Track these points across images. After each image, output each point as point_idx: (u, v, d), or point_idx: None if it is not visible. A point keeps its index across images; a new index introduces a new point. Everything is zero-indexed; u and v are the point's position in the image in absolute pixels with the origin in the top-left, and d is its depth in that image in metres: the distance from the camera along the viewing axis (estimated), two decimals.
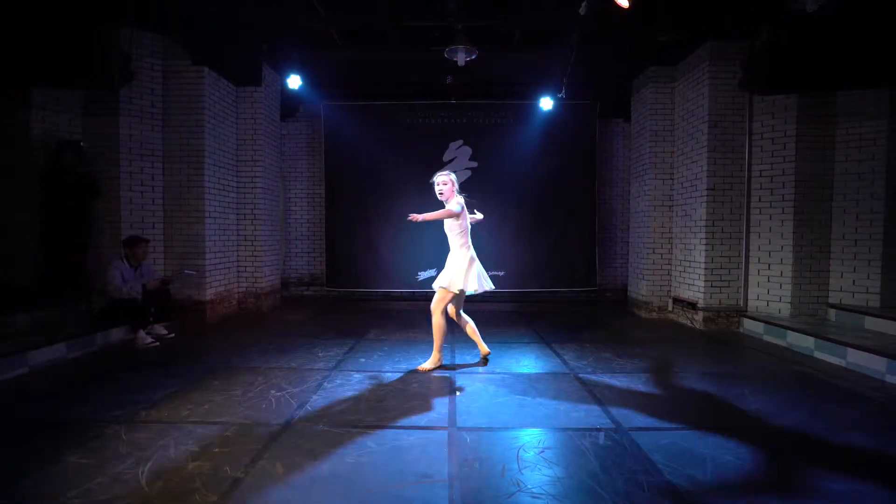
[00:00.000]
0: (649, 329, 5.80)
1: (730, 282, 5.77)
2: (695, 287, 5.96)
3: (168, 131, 5.71)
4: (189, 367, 3.90)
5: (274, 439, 2.56)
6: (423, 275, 7.76)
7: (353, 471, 2.23)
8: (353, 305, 7.45)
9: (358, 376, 3.71)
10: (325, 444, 2.50)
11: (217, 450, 2.42)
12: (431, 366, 3.91)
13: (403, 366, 4.02)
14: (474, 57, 5.76)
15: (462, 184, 5.36)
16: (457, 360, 4.23)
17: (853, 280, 5.28)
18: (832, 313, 5.30)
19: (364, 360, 4.20)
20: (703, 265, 5.80)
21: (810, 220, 5.38)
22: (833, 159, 5.35)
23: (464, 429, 2.71)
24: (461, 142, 7.94)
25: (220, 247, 6.22)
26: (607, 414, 2.94)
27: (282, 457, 2.36)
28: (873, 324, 4.74)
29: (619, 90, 7.39)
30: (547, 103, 7.11)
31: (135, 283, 4.69)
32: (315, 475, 2.19)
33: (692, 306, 5.96)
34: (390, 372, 3.84)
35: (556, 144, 7.85)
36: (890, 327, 4.55)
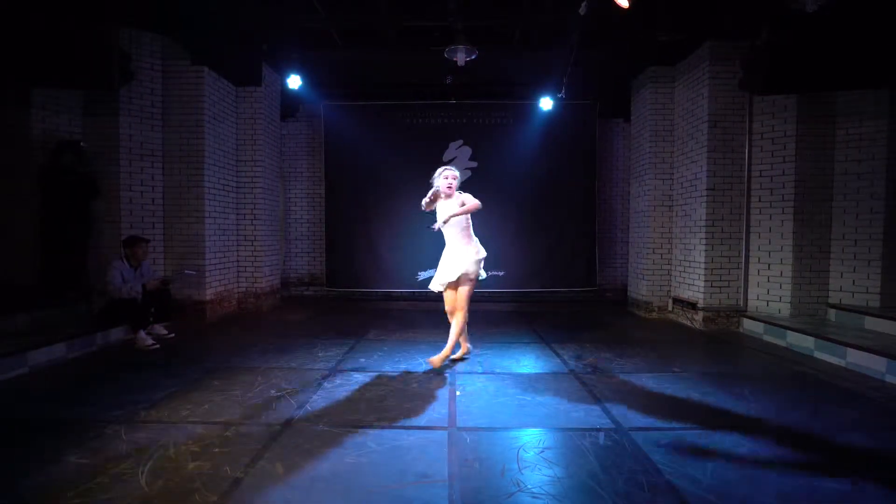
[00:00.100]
0: (649, 329, 5.80)
1: (730, 282, 5.77)
2: (695, 287, 5.97)
3: (168, 131, 5.71)
4: (189, 367, 3.90)
5: (274, 439, 2.56)
6: (423, 275, 7.76)
7: (353, 471, 2.23)
8: (353, 305, 7.45)
9: (358, 376, 3.71)
10: (325, 444, 2.50)
11: (217, 450, 2.42)
12: (461, 354, 4.22)
13: (403, 366, 4.02)
14: (474, 57, 5.76)
15: (462, 184, 5.35)
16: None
17: (853, 280, 5.28)
18: (832, 313, 5.30)
19: (364, 360, 4.21)
20: (703, 265, 5.80)
21: (810, 220, 5.38)
22: (833, 159, 5.35)
23: (464, 429, 2.72)
24: (461, 142, 7.95)
25: (219, 247, 6.22)
26: (607, 414, 2.94)
27: (282, 457, 2.36)
28: (873, 324, 4.75)
29: (619, 90, 7.39)
30: (547, 103, 7.12)
31: (135, 283, 4.69)
32: (315, 475, 2.19)
33: (692, 306, 5.96)
34: (390, 372, 3.84)
35: (556, 144, 7.86)
36: (890, 327, 4.55)
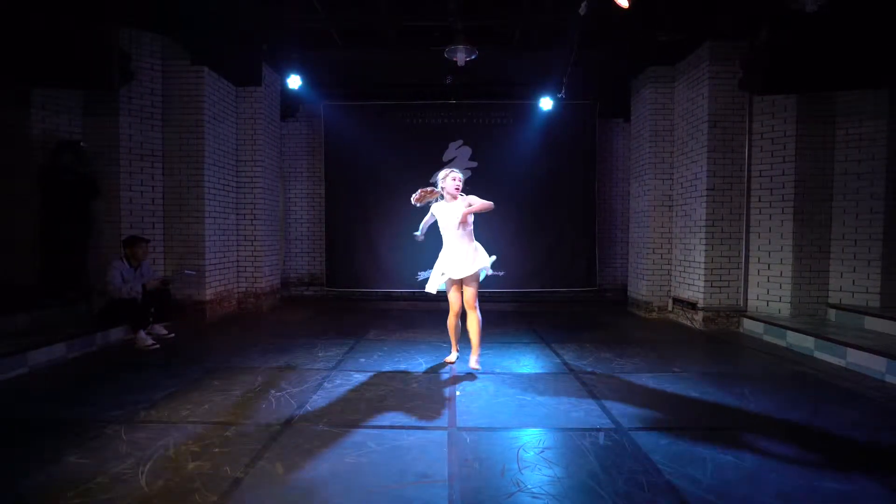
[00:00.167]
0: (649, 329, 5.80)
1: (730, 282, 5.77)
2: (695, 287, 5.96)
3: (168, 131, 5.71)
4: (189, 367, 3.90)
5: (274, 439, 2.56)
6: (423, 275, 7.76)
7: (352, 471, 2.23)
8: (353, 305, 7.45)
9: (358, 376, 3.71)
10: (325, 444, 2.50)
11: (217, 450, 2.42)
12: (454, 358, 4.18)
13: (403, 366, 4.02)
14: (474, 57, 5.76)
15: (462, 184, 5.35)
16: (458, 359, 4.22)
17: (853, 280, 5.28)
18: (832, 313, 5.30)
19: (364, 360, 4.20)
20: (702, 265, 5.80)
21: (810, 220, 5.38)
22: (833, 159, 5.35)
23: (464, 429, 2.72)
24: (461, 142, 7.95)
25: (219, 247, 6.22)
26: (607, 414, 2.94)
27: (282, 457, 2.36)
28: (873, 324, 4.75)
29: (619, 90, 7.39)
30: (547, 103, 7.12)
31: (135, 283, 4.69)
32: (315, 475, 2.19)
33: (692, 306, 5.96)
34: (390, 372, 3.84)
35: (556, 144, 7.86)
36: (890, 327, 4.55)
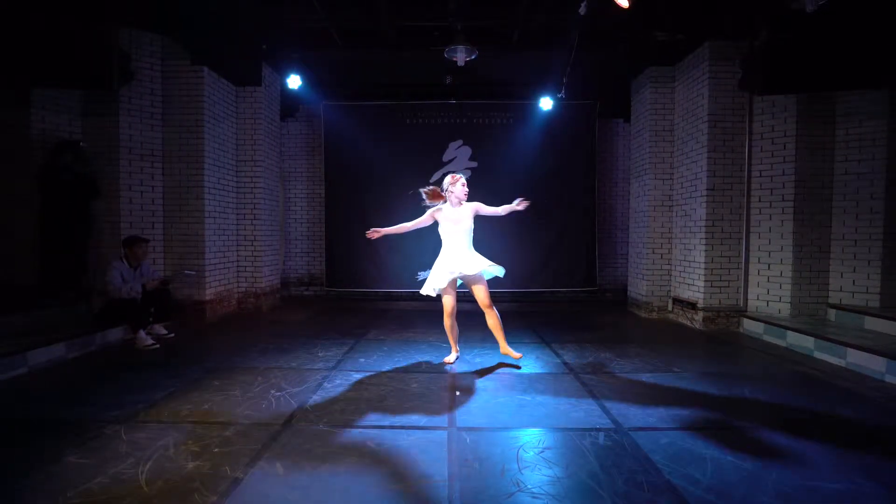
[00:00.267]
0: (649, 329, 5.80)
1: (730, 282, 5.77)
2: (695, 287, 5.96)
3: (168, 131, 5.71)
4: (189, 367, 3.90)
5: (274, 439, 2.55)
6: (423, 275, 7.75)
7: (352, 471, 2.23)
8: (353, 305, 7.45)
9: (358, 376, 3.71)
10: (325, 443, 2.50)
11: (217, 450, 2.42)
12: (453, 358, 4.16)
13: (403, 366, 4.02)
14: (474, 57, 5.77)
15: None
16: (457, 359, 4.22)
17: (853, 280, 5.27)
18: (832, 313, 5.29)
19: (364, 360, 4.20)
20: (702, 265, 5.80)
21: (810, 220, 5.38)
22: (833, 159, 5.35)
23: (464, 429, 2.71)
24: (461, 142, 7.95)
25: (219, 247, 6.22)
26: (607, 414, 2.94)
27: (282, 457, 2.36)
28: (873, 324, 4.74)
29: (619, 90, 7.39)
30: (547, 103, 7.13)
31: (134, 284, 4.68)
32: (315, 475, 2.19)
33: (692, 306, 5.96)
34: (390, 372, 3.84)
35: (556, 144, 7.87)
36: (890, 327, 4.55)
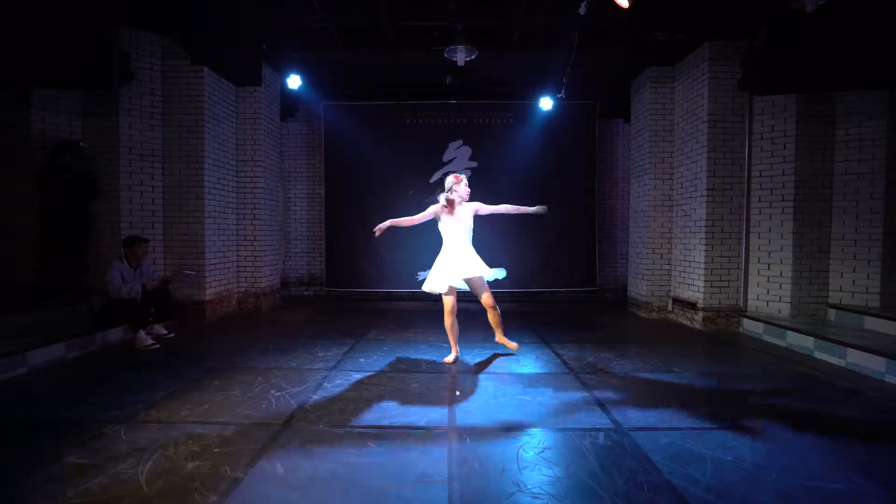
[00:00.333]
0: (649, 329, 5.80)
1: (730, 282, 5.77)
2: (695, 287, 5.96)
3: (168, 131, 5.71)
4: (189, 367, 3.90)
5: (274, 439, 2.55)
6: (422, 275, 7.74)
7: (352, 471, 2.23)
8: (353, 305, 7.45)
9: (358, 376, 3.70)
10: (324, 444, 2.50)
11: (217, 450, 2.42)
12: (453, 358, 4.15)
13: (403, 366, 4.02)
14: (474, 57, 5.76)
15: None
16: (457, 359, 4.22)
17: (853, 280, 5.27)
18: (832, 313, 5.29)
19: (364, 360, 4.20)
20: (702, 265, 5.80)
21: (810, 220, 5.38)
22: (833, 159, 5.35)
23: (464, 429, 2.71)
24: (461, 142, 7.95)
25: (219, 247, 6.22)
26: (607, 414, 2.94)
27: (282, 457, 2.36)
28: (873, 324, 4.74)
29: (619, 90, 7.38)
30: (547, 103, 7.13)
31: (134, 284, 4.68)
32: (315, 475, 2.19)
33: (692, 306, 5.96)
34: (390, 372, 3.84)
35: (556, 144, 7.86)
36: (890, 327, 4.55)
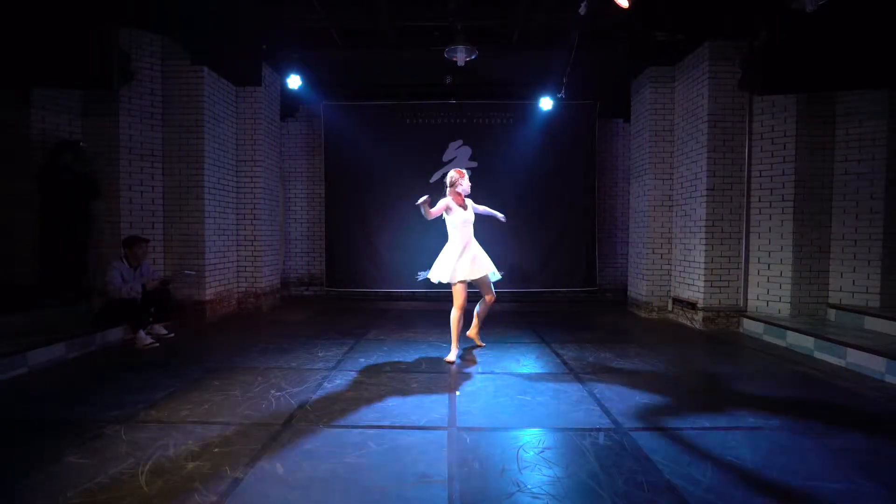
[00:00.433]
0: (649, 329, 5.80)
1: (729, 282, 5.77)
2: (695, 287, 5.96)
3: (168, 131, 5.71)
4: (189, 367, 3.90)
5: (274, 439, 2.56)
6: (422, 275, 7.75)
7: (352, 471, 2.23)
8: (353, 305, 7.45)
9: (358, 376, 3.70)
10: (324, 443, 2.51)
11: (217, 450, 2.42)
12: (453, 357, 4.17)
13: (403, 366, 4.02)
14: (474, 57, 5.76)
15: None
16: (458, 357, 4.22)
17: (853, 280, 5.27)
18: (832, 313, 5.29)
19: (364, 360, 4.20)
20: (702, 265, 5.80)
21: (810, 220, 5.38)
22: (833, 159, 5.35)
23: (464, 429, 2.71)
24: (461, 142, 7.95)
25: (219, 247, 6.22)
26: (607, 414, 2.94)
27: (282, 457, 2.36)
28: (873, 324, 4.74)
29: (619, 90, 7.39)
30: (547, 103, 7.13)
31: (134, 284, 4.68)
32: (315, 475, 2.19)
33: (692, 306, 5.96)
34: (390, 372, 3.84)
35: (556, 144, 7.87)
36: (890, 327, 4.55)
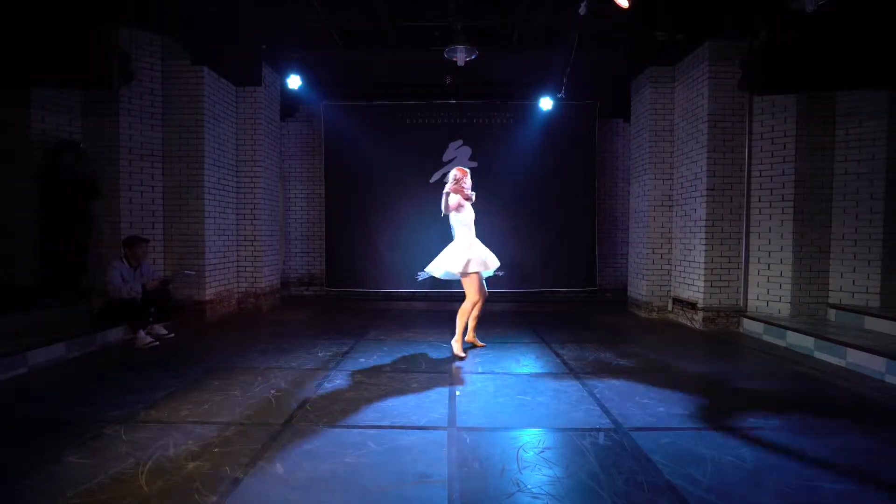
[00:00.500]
0: (649, 329, 5.80)
1: (730, 282, 5.77)
2: (695, 287, 5.96)
3: (168, 131, 5.71)
4: (189, 367, 3.90)
5: (274, 439, 2.56)
6: (423, 275, 7.74)
7: (352, 471, 2.23)
8: (353, 305, 7.45)
9: (358, 376, 3.70)
10: (324, 443, 2.51)
11: (217, 450, 2.42)
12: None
13: (403, 366, 4.02)
14: (474, 57, 5.76)
15: None
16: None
17: (853, 280, 5.27)
18: (832, 313, 5.29)
19: (364, 360, 4.20)
20: (702, 265, 5.80)
21: (810, 220, 5.38)
22: (833, 159, 5.35)
23: (463, 429, 2.71)
24: (461, 142, 7.95)
25: (219, 247, 6.22)
26: (607, 414, 2.94)
27: (281, 457, 2.36)
28: (873, 324, 4.74)
29: (619, 90, 7.38)
30: (547, 103, 7.12)
31: (134, 284, 4.69)
32: (314, 475, 2.19)
33: (692, 306, 5.96)
34: (390, 372, 3.85)
35: (556, 144, 7.87)
36: (890, 327, 4.55)
